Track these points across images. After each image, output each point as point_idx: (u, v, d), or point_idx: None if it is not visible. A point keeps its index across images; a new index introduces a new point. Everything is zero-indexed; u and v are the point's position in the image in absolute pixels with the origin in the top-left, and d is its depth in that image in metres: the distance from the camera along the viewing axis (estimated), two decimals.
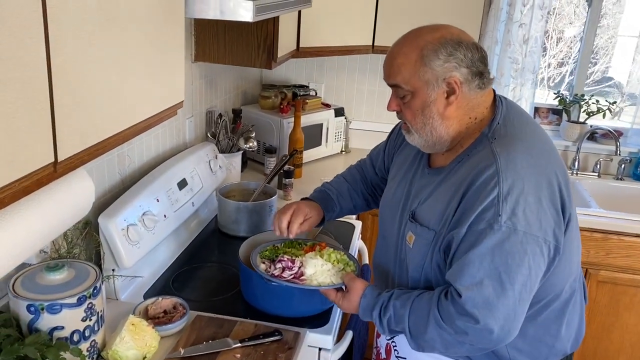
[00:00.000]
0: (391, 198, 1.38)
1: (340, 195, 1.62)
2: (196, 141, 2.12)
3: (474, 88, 1.17)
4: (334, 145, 2.73)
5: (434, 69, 1.14)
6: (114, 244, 1.41)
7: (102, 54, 0.91)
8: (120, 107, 0.99)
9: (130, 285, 1.52)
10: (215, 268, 1.70)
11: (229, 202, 1.87)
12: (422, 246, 1.21)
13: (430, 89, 1.16)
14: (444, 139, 1.21)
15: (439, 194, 1.21)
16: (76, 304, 1.12)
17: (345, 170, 1.71)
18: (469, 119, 1.20)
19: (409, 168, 1.37)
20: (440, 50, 1.13)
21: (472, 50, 1.15)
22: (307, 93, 2.70)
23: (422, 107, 1.18)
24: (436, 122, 1.19)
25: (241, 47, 1.96)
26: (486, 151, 1.15)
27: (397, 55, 1.18)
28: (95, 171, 1.48)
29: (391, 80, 1.21)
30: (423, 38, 1.16)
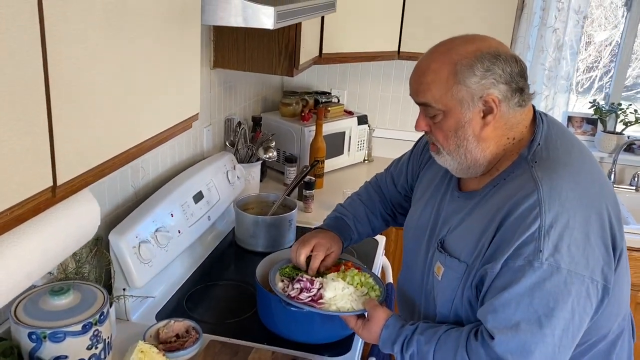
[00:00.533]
0: (416, 223, 1.28)
1: (357, 220, 1.50)
2: (214, 150, 2.05)
3: (514, 106, 1.05)
4: (357, 154, 2.63)
5: (469, 86, 1.03)
6: (125, 263, 1.33)
7: (107, 67, 0.83)
8: (128, 124, 0.91)
9: (142, 306, 1.44)
10: (231, 286, 1.62)
11: (246, 216, 1.79)
12: (452, 280, 1.10)
13: (465, 109, 1.04)
14: (480, 162, 1.10)
15: (472, 222, 1.10)
16: (81, 332, 1.05)
17: (361, 188, 1.58)
18: (506, 139, 1.09)
19: (436, 189, 1.26)
20: (476, 66, 1.02)
21: (511, 64, 1.03)
22: (330, 100, 2.61)
23: (456, 128, 1.07)
24: (471, 144, 1.07)
25: (262, 54, 1.88)
26: (526, 177, 1.04)
27: (426, 71, 1.07)
28: (107, 184, 1.41)
29: (420, 99, 1.09)
30: (456, 51, 1.04)
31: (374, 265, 1.78)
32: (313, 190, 2.10)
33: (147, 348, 1.17)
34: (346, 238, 1.48)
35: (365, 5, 2.23)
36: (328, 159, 2.43)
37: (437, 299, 1.16)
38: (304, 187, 2.08)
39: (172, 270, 1.59)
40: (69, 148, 0.78)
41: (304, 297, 1.24)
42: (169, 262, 1.47)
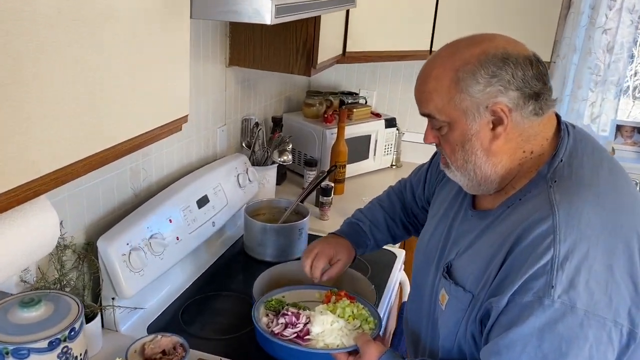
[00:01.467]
0: (427, 242, 1.15)
1: (374, 226, 1.40)
2: (229, 152, 1.96)
3: (529, 114, 0.92)
4: (383, 159, 2.49)
5: (473, 95, 0.91)
6: (113, 271, 1.26)
7: (63, 61, 0.74)
8: (92, 127, 0.82)
9: (133, 316, 1.36)
10: (233, 299, 1.52)
11: (254, 223, 1.69)
12: (457, 311, 0.97)
13: (471, 120, 0.92)
14: (491, 179, 0.97)
15: (481, 246, 0.96)
16: (47, 349, 0.97)
17: (383, 193, 1.49)
18: (522, 153, 0.95)
19: (449, 206, 1.13)
20: (480, 72, 0.89)
21: (523, 67, 0.90)
22: (356, 101, 2.48)
23: (462, 140, 0.95)
24: (480, 159, 0.95)
25: (278, 51, 1.78)
26: (542, 198, 0.90)
27: (427, 79, 0.95)
28: (101, 186, 1.34)
29: (423, 109, 0.98)
30: (459, 56, 0.92)
31: (390, 280, 1.65)
32: (330, 197, 1.98)
33: None
34: (360, 245, 1.38)
35: (395, 0, 2.09)
36: (351, 164, 2.31)
37: (441, 331, 1.03)
38: (320, 194, 1.97)
39: (170, 278, 1.51)
40: (14, 153, 0.69)
41: (289, 334, 1.13)
42: (163, 271, 1.38)
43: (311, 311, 1.20)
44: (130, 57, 0.88)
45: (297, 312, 1.18)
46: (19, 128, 0.70)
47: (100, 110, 0.84)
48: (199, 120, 1.74)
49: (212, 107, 1.80)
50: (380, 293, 1.57)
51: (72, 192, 1.25)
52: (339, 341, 1.11)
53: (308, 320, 1.14)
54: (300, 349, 1.11)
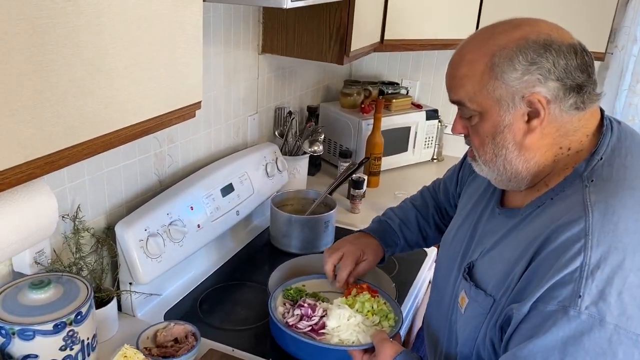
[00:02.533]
0: (451, 240, 1.08)
1: (404, 225, 1.34)
2: (260, 140, 1.93)
3: (568, 108, 0.84)
4: (423, 152, 2.40)
5: (508, 83, 0.83)
6: (130, 257, 1.25)
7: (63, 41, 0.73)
8: (91, 111, 0.80)
9: (151, 302, 1.36)
10: (254, 289, 1.50)
11: (279, 213, 1.65)
12: (476, 315, 0.90)
13: (504, 110, 0.85)
14: (522, 175, 0.90)
15: (506, 247, 0.89)
16: (52, 332, 0.97)
17: (417, 193, 1.42)
18: (559, 149, 0.87)
19: (477, 203, 1.06)
20: (518, 58, 0.82)
21: (566, 55, 0.82)
22: (397, 91, 2.40)
23: (493, 132, 0.88)
24: (511, 153, 0.88)
25: (311, 38, 1.73)
26: (576, 198, 0.82)
27: (460, 63, 0.89)
28: (123, 171, 1.34)
29: (453, 96, 0.91)
30: (496, 40, 0.85)
31: (417, 279, 1.58)
32: (362, 190, 1.92)
33: (132, 353, 1.08)
34: (389, 244, 1.32)
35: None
36: (389, 156, 2.23)
37: (459, 335, 0.96)
38: (352, 186, 1.91)
39: (193, 264, 1.50)
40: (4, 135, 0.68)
41: (303, 326, 1.09)
42: (183, 258, 1.37)
43: (329, 304, 1.15)
44: (134, 39, 0.86)
45: (314, 303, 1.14)
46: (9, 111, 0.68)
47: (101, 94, 0.82)
48: (228, 107, 1.72)
49: (243, 95, 1.78)
50: (405, 291, 1.51)
51: (93, 176, 1.25)
52: (355, 337, 1.06)
53: (325, 313, 1.10)
54: (312, 343, 1.07)
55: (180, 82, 0.99)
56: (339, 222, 1.83)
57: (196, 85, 1.04)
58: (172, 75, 0.96)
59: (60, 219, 1.19)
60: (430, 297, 1.16)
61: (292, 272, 1.36)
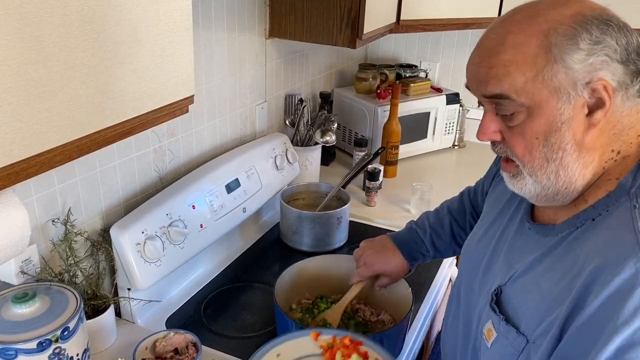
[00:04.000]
0: (474, 248, 0.96)
1: (435, 234, 1.22)
2: (270, 131, 1.84)
3: (633, 97, 0.71)
4: (444, 139, 2.28)
5: (570, 67, 0.69)
6: (126, 261, 1.18)
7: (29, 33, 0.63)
8: (55, 114, 0.71)
9: (152, 307, 1.29)
10: (262, 291, 1.41)
11: (289, 209, 1.56)
12: (506, 354, 0.77)
13: (564, 101, 0.70)
14: (576, 185, 0.75)
15: (542, 277, 0.76)
16: (36, 350, 0.90)
17: (456, 196, 1.27)
18: (610, 152, 0.73)
19: (504, 209, 0.93)
20: (581, 35, 0.68)
21: (627, 34, 0.69)
22: (415, 74, 2.27)
23: (547, 131, 0.72)
24: (569, 155, 0.72)
25: (321, 21, 1.61)
26: (623, 222, 0.69)
27: (499, 48, 0.72)
28: (119, 169, 1.26)
29: (492, 88, 0.73)
30: (546, 17, 0.70)
31: (437, 278, 1.47)
32: (378, 182, 1.81)
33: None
34: (415, 258, 1.21)
35: None
36: (408, 143, 2.12)
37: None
38: (367, 177, 1.80)
39: (197, 264, 1.43)
40: None
41: None
42: (184, 261, 1.29)
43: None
44: (111, 29, 0.76)
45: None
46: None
47: (70, 93, 0.72)
48: (234, 96, 1.62)
49: (249, 83, 1.67)
50: (423, 292, 1.41)
51: (85, 175, 1.17)
52: None
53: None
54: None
55: (168, 75, 0.89)
56: (353, 216, 1.73)
57: (186, 79, 0.94)
58: (157, 68, 0.87)
59: (51, 224, 1.11)
60: (448, 305, 1.05)
61: (301, 276, 1.27)
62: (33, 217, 1.07)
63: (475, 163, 2.21)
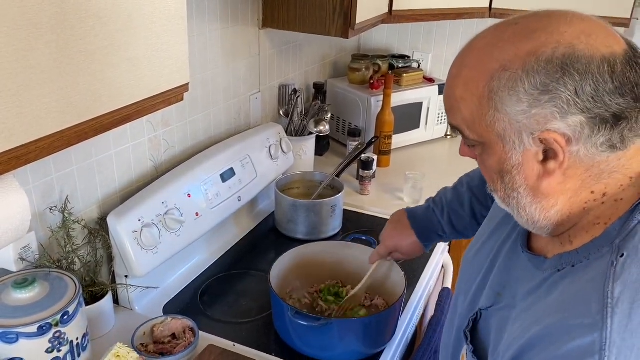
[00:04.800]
0: (473, 258, 0.92)
1: (454, 213, 1.14)
2: (264, 121, 1.85)
3: (599, 147, 0.63)
4: (436, 129, 2.30)
5: (511, 117, 0.63)
6: (124, 249, 1.19)
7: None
8: (52, 101, 0.72)
9: (149, 294, 1.31)
10: (257, 279, 1.43)
11: (284, 198, 1.58)
12: None
13: (510, 147, 0.66)
14: (540, 224, 0.70)
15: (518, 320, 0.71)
16: (36, 334, 0.92)
17: (474, 170, 1.14)
18: (590, 194, 0.67)
19: (502, 223, 0.87)
20: (523, 85, 0.62)
21: (596, 78, 0.60)
22: (408, 65, 2.29)
23: (500, 170, 0.69)
24: (524, 198, 0.69)
25: (314, 11, 1.62)
26: (597, 280, 0.62)
27: (456, 79, 0.69)
28: (115, 158, 1.27)
29: (450, 119, 0.72)
30: (499, 52, 0.64)
31: (429, 265, 1.50)
32: (372, 171, 1.83)
33: (125, 352, 1.02)
34: (430, 239, 1.17)
35: None
36: (401, 133, 2.14)
37: None
38: (360, 167, 1.82)
39: (194, 253, 1.44)
40: None
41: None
42: (180, 248, 1.31)
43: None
44: (108, 16, 0.78)
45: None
46: None
47: (68, 80, 0.74)
48: (228, 87, 1.63)
49: (243, 73, 1.69)
50: (416, 278, 1.43)
51: (82, 164, 1.19)
52: None
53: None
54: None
55: (163, 63, 0.91)
56: (347, 204, 1.75)
57: (181, 66, 0.95)
58: (153, 56, 0.88)
59: (49, 212, 1.13)
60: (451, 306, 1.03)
61: (296, 263, 1.29)
62: (31, 205, 1.08)
63: None
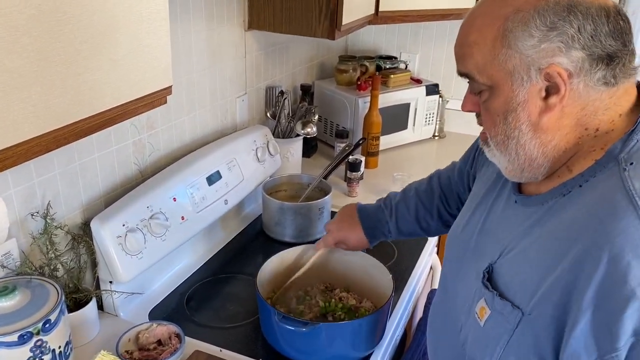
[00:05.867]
0: (459, 234, 0.96)
1: (401, 216, 1.23)
2: (251, 123, 1.84)
3: (595, 83, 0.72)
4: (424, 130, 2.30)
5: (522, 52, 0.72)
6: (108, 254, 1.17)
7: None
8: (31, 105, 0.71)
9: (134, 300, 1.29)
10: (244, 282, 1.42)
11: (271, 201, 1.57)
12: (501, 331, 0.77)
13: (518, 84, 0.74)
14: (538, 162, 0.78)
15: (531, 247, 0.77)
16: (17, 343, 0.90)
17: (426, 177, 1.28)
18: (583, 130, 0.75)
19: (490, 189, 0.94)
20: (535, 22, 0.71)
21: (595, 19, 0.70)
22: (395, 66, 2.29)
23: (505, 110, 0.76)
24: (525, 135, 0.76)
25: (300, 12, 1.61)
26: (613, 184, 0.70)
27: (469, 29, 0.77)
28: (99, 162, 1.25)
29: (460, 67, 0.80)
30: (511, 1, 0.73)
31: (417, 267, 1.50)
32: (359, 172, 1.83)
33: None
34: (375, 236, 1.25)
35: None
36: (389, 134, 2.14)
37: (472, 353, 0.84)
38: (348, 168, 1.82)
39: (180, 257, 1.43)
40: None
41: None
42: (166, 253, 1.29)
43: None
44: (88, 18, 0.76)
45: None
46: None
47: (47, 84, 0.72)
48: (214, 89, 1.61)
49: (229, 75, 1.67)
50: (404, 281, 1.43)
51: (65, 169, 1.17)
52: None
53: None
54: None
55: (146, 65, 0.89)
56: (335, 206, 1.74)
57: (165, 69, 0.94)
58: (135, 58, 0.87)
59: (30, 217, 1.11)
60: (434, 303, 1.04)
61: (283, 266, 1.28)
62: (12, 211, 1.06)
63: (455, 153, 2.22)
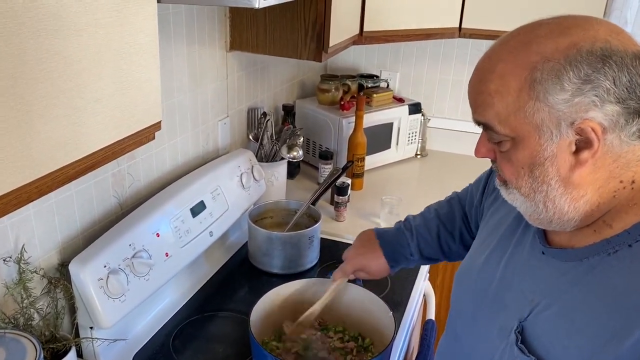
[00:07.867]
0: (475, 280, 0.89)
1: (422, 239, 1.17)
2: (233, 147, 1.76)
3: (631, 137, 0.67)
4: (407, 149, 2.26)
5: (553, 106, 0.66)
6: (88, 299, 1.08)
7: None
8: (8, 155, 0.63)
9: (117, 345, 1.20)
10: (232, 320, 1.34)
11: (258, 230, 1.49)
12: None
13: (546, 139, 0.68)
14: (569, 216, 0.72)
15: (577, 308, 0.71)
16: None
17: (443, 200, 1.22)
18: (618, 183, 0.70)
19: (509, 232, 0.87)
20: (568, 74, 0.65)
21: (630, 70, 0.64)
22: (377, 84, 2.25)
23: (531, 164, 0.71)
24: (554, 190, 0.71)
25: (285, 34, 1.56)
26: None
27: (489, 75, 0.71)
28: (76, 198, 1.16)
29: (478, 116, 0.74)
30: (538, 47, 0.67)
31: (412, 296, 1.45)
32: (347, 196, 1.77)
33: None
34: (398, 261, 1.18)
35: None
36: (373, 154, 2.09)
37: None
38: (335, 192, 1.76)
39: (162, 295, 1.34)
40: None
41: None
42: (149, 293, 1.20)
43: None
44: (73, 55, 0.68)
45: None
46: None
47: (25, 130, 0.64)
48: (195, 113, 1.54)
49: (210, 98, 1.60)
50: (401, 312, 1.38)
51: (39, 208, 1.07)
52: None
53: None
54: None
55: (133, 102, 0.82)
56: (323, 232, 1.68)
57: (153, 104, 0.87)
58: (122, 95, 0.79)
59: (2, 263, 1.01)
60: (441, 343, 0.98)
61: (276, 305, 1.21)
62: None
63: (438, 171, 2.22)
